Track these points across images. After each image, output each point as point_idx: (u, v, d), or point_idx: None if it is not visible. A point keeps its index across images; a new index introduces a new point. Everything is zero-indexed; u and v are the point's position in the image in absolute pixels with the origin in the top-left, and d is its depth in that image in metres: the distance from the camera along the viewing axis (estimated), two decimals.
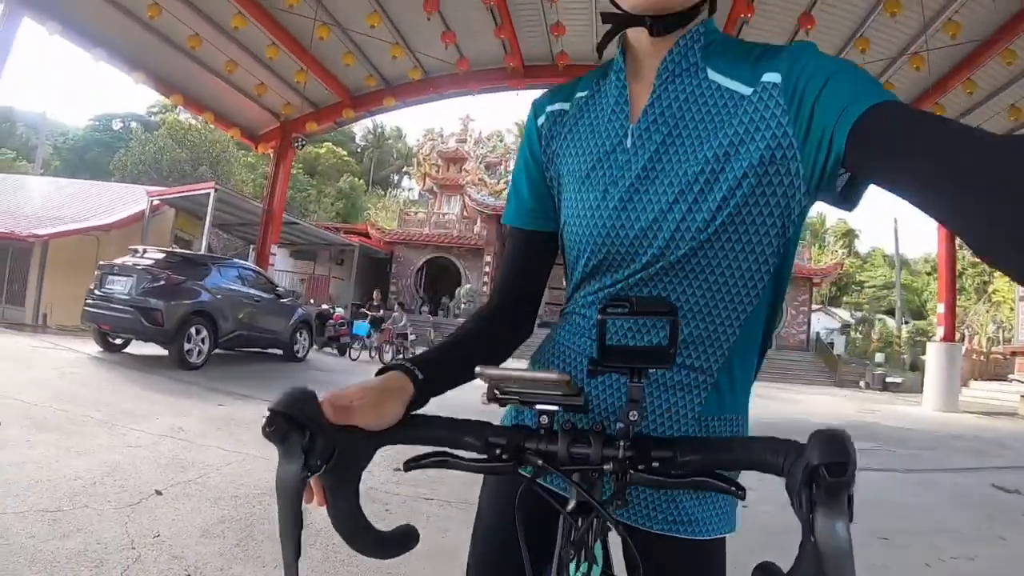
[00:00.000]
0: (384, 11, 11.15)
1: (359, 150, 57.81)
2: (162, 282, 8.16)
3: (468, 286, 22.45)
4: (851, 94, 0.60)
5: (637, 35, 0.80)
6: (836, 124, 0.60)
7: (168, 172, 28.50)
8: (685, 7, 0.74)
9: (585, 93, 0.87)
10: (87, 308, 8.43)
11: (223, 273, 9.36)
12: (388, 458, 3.90)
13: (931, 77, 10.34)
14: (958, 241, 16.10)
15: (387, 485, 4.39)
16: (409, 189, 53.37)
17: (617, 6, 0.76)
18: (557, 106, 0.89)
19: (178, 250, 9.30)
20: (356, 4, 10.93)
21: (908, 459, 6.77)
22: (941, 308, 13.95)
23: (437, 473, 4.80)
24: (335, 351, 14.38)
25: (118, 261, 8.62)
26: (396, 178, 62.95)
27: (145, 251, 9.00)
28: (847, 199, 0.67)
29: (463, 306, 21.48)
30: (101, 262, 8.73)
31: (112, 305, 8.15)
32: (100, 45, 10.22)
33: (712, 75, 0.76)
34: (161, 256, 8.77)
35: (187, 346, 8.30)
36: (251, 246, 19.80)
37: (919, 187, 0.48)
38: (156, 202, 14.44)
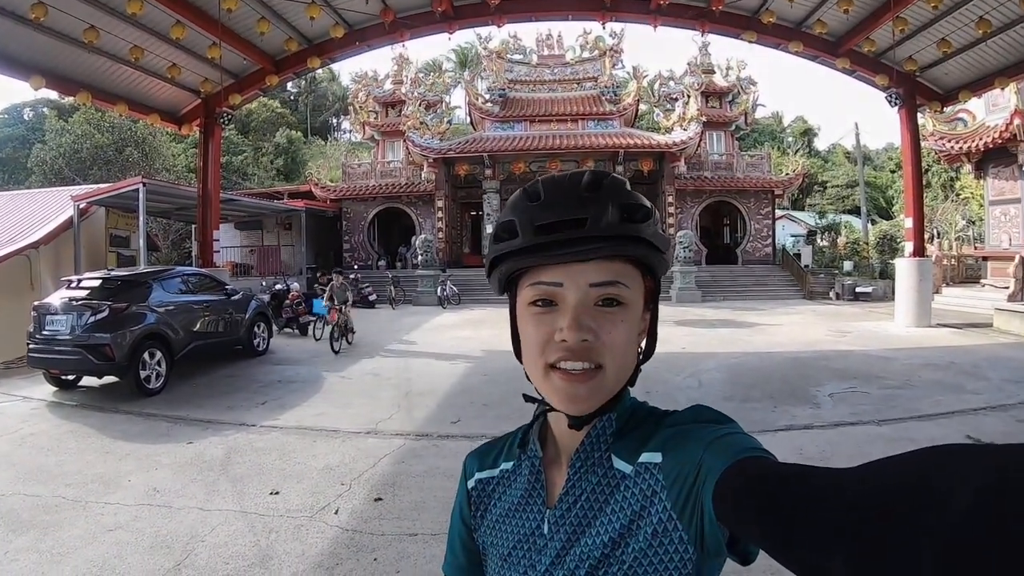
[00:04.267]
0: None
1: (292, 98, 55.04)
2: (104, 313, 7.62)
3: (423, 236, 21.94)
4: (719, 459, 0.62)
5: (556, 418, 0.84)
6: (704, 489, 0.63)
7: (92, 161, 26.42)
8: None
9: (510, 466, 0.90)
10: (31, 354, 7.87)
11: (166, 286, 8.80)
12: (366, 485, 3.79)
13: None
14: (923, 143, 16.05)
15: (371, 523, 4.36)
16: (350, 131, 51.38)
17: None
18: (485, 474, 0.92)
19: (114, 272, 8.68)
20: None
21: (882, 402, 6.93)
22: (909, 223, 13.84)
23: (420, 497, 4.79)
24: (296, 331, 13.97)
25: (54, 300, 8.01)
26: (336, 121, 60.56)
27: (80, 280, 8.40)
28: (737, 554, 0.66)
29: (420, 257, 21.03)
30: (36, 302, 8.09)
31: (56, 348, 7.61)
32: None
33: (616, 463, 0.79)
34: (97, 283, 8.17)
35: (143, 372, 7.88)
36: (193, 226, 18.94)
37: (769, 546, 0.49)
38: (84, 205, 13.51)
